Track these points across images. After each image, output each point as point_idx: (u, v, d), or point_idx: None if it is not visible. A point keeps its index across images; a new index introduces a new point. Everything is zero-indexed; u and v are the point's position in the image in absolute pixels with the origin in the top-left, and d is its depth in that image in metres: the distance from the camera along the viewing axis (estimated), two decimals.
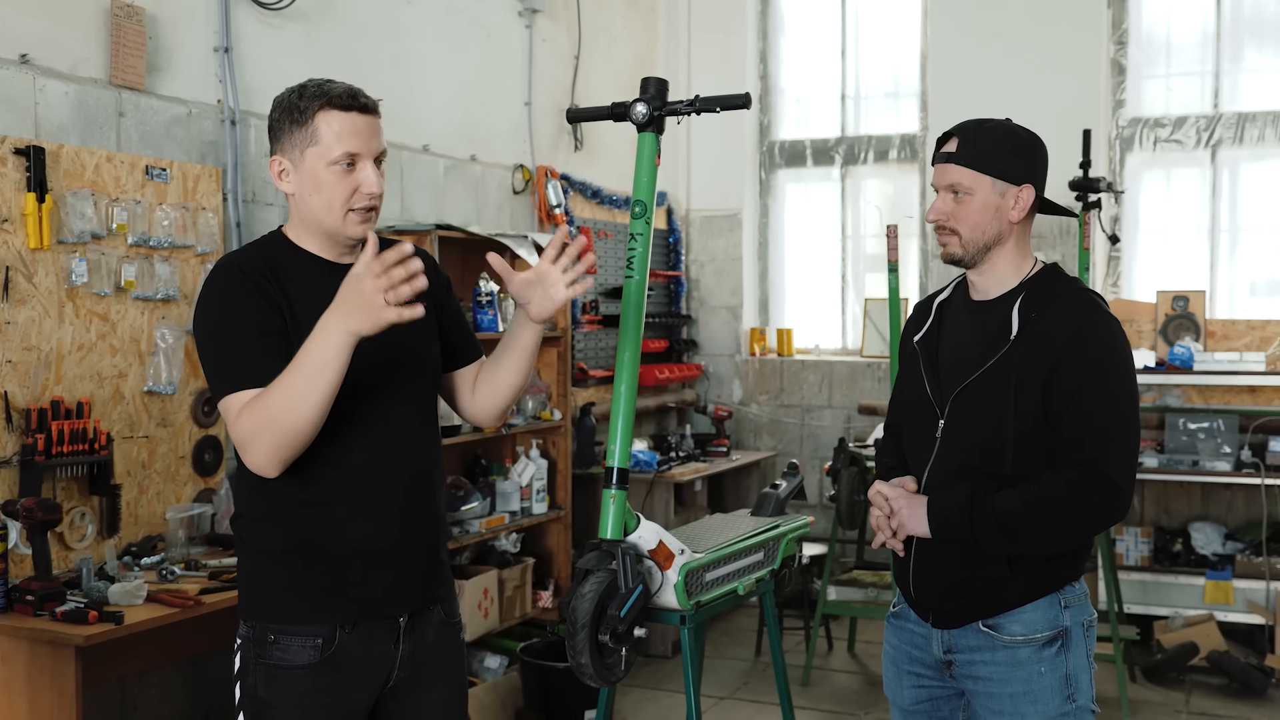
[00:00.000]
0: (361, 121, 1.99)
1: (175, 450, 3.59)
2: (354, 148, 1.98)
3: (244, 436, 1.88)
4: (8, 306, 3.12)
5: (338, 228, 2.01)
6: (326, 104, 1.97)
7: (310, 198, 2.00)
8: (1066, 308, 2.10)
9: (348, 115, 1.98)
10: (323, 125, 1.97)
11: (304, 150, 1.98)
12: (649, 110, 2.40)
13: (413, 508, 2.07)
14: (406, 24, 4.69)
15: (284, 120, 2.00)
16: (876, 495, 2.19)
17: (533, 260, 4.68)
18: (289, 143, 2.00)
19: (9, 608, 2.85)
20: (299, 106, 1.98)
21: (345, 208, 1.99)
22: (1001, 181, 2.12)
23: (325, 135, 1.97)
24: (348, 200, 1.99)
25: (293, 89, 2.01)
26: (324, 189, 1.98)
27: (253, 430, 1.87)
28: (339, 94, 1.98)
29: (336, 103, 1.97)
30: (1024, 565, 2.11)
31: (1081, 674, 2.11)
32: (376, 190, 2.00)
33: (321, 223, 2.02)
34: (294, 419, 1.84)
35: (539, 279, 2.06)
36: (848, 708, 4.68)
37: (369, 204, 2.00)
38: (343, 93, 1.99)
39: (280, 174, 2.03)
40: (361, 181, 1.98)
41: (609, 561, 2.33)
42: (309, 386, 1.82)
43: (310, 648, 1.98)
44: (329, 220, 2.01)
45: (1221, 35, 5.90)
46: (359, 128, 1.98)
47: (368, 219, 2.02)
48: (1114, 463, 2.03)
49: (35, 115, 3.24)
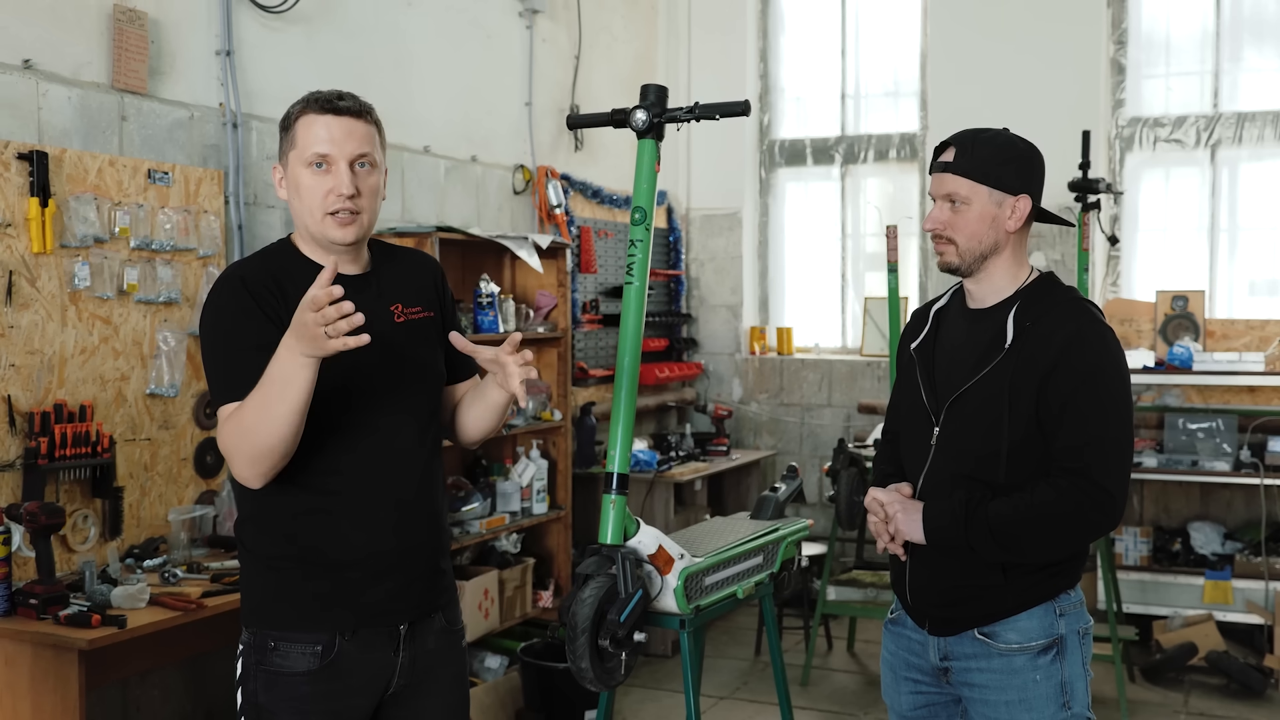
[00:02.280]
0: (336, 124, 2.00)
1: (177, 452, 3.61)
2: (324, 149, 1.99)
3: (226, 449, 1.93)
4: (11, 310, 3.14)
5: (319, 231, 2.02)
6: (307, 108, 2.01)
7: (294, 201, 2.04)
8: (1061, 316, 2.11)
9: (323, 117, 2.00)
10: (301, 128, 2.01)
11: (289, 154, 2.03)
12: (649, 117, 2.42)
13: (412, 516, 2.09)
14: (407, 26, 4.70)
15: (281, 128, 2.06)
16: (873, 502, 2.21)
17: (533, 262, 4.70)
18: (282, 149, 2.06)
19: (13, 611, 2.86)
20: (290, 113, 2.04)
21: (322, 210, 2.00)
22: (998, 191, 2.14)
23: (302, 137, 2.01)
24: (323, 203, 2.00)
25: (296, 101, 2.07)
26: (302, 192, 2.01)
27: (232, 443, 1.91)
28: (321, 97, 2.02)
29: (314, 106, 2.01)
30: (1019, 573, 2.12)
31: (1077, 681, 2.13)
32: (345, 191, 1.98)
33: (307, 227, 2.04)
34: (265, 433, 1.86)
35: (498, 365, 2.03)
36: (847, 708, 4.70)
37: (340, 206, 1.99)
38: (327, 96, 2.02)
39: (279, 181, 2.07)
40: (333, 183, 1.99)
41: (609, 566, 2.35)
42: (276, 401, 1.84)
43: (310, 655, 2.00)
44: (311, 224, 2.03)
45: (1221, 35, 5.91)
46: (333, 130, 2.00)
47: (348, 222, 2.01)
48: (1107, 472, 2.04)
49: (38, 120, 3.25)
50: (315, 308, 1.74)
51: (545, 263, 4.91)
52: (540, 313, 4.94)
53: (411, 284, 2.16)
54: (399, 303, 2.12)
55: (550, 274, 4.97)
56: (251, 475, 1.92)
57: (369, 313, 2.03)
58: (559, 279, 4.99)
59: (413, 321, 2.12)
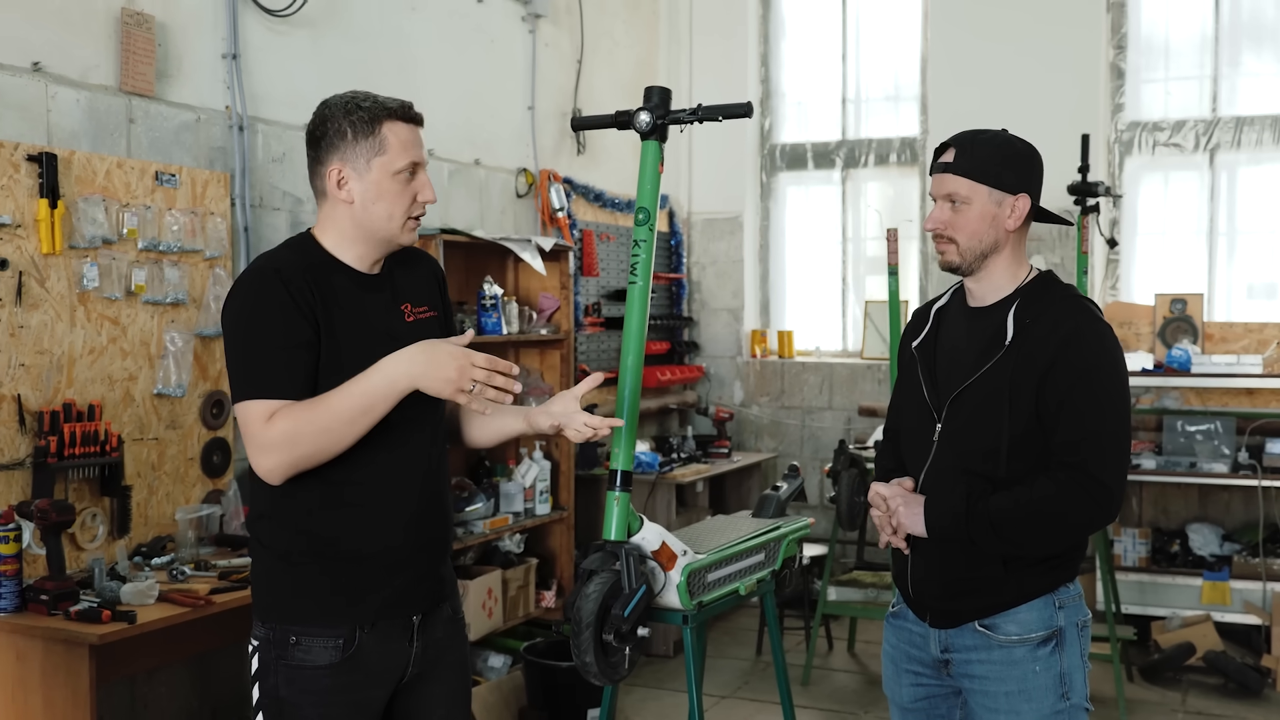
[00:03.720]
0: (419, 133, 2.11)
1: (184, 452, 3.64)
2: (417, 157, 2.08)
3: (269, 442, 1.93)
4: (21, 311, 3.17)
5: (395, 235, 2.09)
6: (391, 115, 2.06)
7: (373, 205, 2.05)
8: (1060, 314, 2.14)
9: (410, 126, 2.08)
10: (390, 135, 2.05)
11: (370, 160, 2.04)
12: (652, 119, 2.44)
13: (429, 510, 2.13)
14: (411, 30, 4.74)
15: (343, 130, 2.04)
16: (875, 496, 2.24)
17: (536, 264, 4.73)
18: (350, 152, 2.04)
19: (24, 607, 2.89)
20: (363, 118, 2.04)
21: (406, 215, 2.08)
22: (998, 191, 2.17)
23: (393, 145, 2.05)
24: (409, 209, 2.08)
25: (343, 101, 2.07)
26: (387, 197, 2.05)
27: (281, 440, 1.92)
28: (400, 106, 2.08)
29: (400, 114, 2.07)
30: (1019, 566, 2.15)
31: (1075, 673, 2.16)
32: (433, 198, 2.11)
33: (378, 230, 2.07)
34: (330, 442, 1.94)
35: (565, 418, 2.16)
36: (848, 707, 4.73)
37: (423, 212, 2.11)
38: (403, 105, 2.09)
39: (339, 182, 2.06)
40: (419, 189, 2.09)
41: (613, 562, 2.37)
42: (359, 415, 1.93)
43: (331, 648, 2.03)
44: (389, 228, 2.07)
45: (1220, 39, 5.95)
46: (418, 138, 2.10)
47: (418, 224, 2.13)
48: (1105, 466, 2.07)
49: (47, 122, 3.29)
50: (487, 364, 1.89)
51: (548, 265, 4.94)
52: (543, 315, 4.97)
53: (417, 284, 2.21)
54: (408, 302, 2.16)
55: (553, 276, 5.01)
56: (283, 474, 1.96)
57: (385, 313, 2.09)
58: (561, 281, 5.02)
59: (421, 321, 2.17)
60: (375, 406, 1.93)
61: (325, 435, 1.93)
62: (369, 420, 1.94)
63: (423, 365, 1.91)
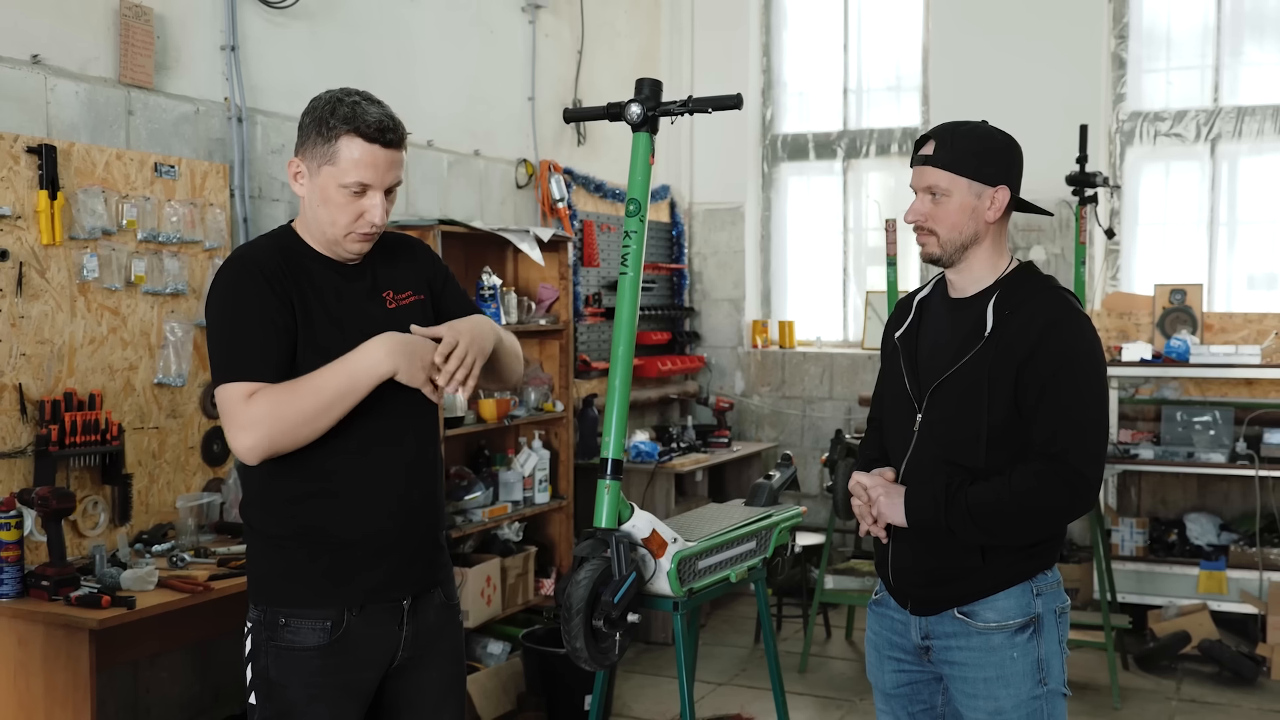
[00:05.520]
0: (382, 155, 2.04)
1: (185, 441, 3.68)
2: (367, 179, 2.04)
3: (248, 420, 1.97)
4: (22, 301, 3.21)
5: (338, 242, 2.10)
6: (354, 130, 2.02)
7: (318, 208, 2.08)
8: (1038, 305, 2.17)
9: (370, 147, 2.03)
10: (344, 149, 2.02)
11: (320, 165, 2.05)
12: (643, 110, 2.47)
13: (414, 494, 2.16)
14: (411, 21, 4.76)
15: (311, 129, 2.06)
16: (856, 485, 2.27)
17: (533, 254, 4.75)
18: (310, 152, 2.06)
19: (26, 593, 2.94)
20: (329, 123, 2.03)
21: (347, 230, 2.08)
22: (978, 183, 2.19)
23: (344, 159, 2.03)
24: (351, 224, 2.07)
25: (330, 99, 2.05)
26: (330, 206, 2.06)
27: (260, 418, 1.96)
28: (369, 124, 2.02)
29: (363, 131, 2.02)
30: (997, 554, 2.18)
31: (1053, 659, 2.19)
32: (379, 222, 2.07)
33: (325, 232, 2.10)
34: (308, 422, 1.98)
35: None
36: (844, 694, 4.76)
37: (370, 231, 2.08)
38: (373, 124, 2.02)
39: (295, 175, 2.10)
40: (367, 209, 2.06)
41: (603, 549, 2.41)
42: (338, 398, 1.98)
43: (320, 630, 2.07)
44: (330, 233, 2.10)
45: (1221, 29, 5.94)
46: (377, 160, 2.04)
47: (366, 240, 2.11)
48: (1083, 456, 2.09)
49: (47, 114, 3.32)
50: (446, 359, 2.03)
51: (547, 256, 4.96)
52: (542, 305, 5.00)
53: (399, 270, 2.23)
54: (390, 289, 2.19)
55: (552, 267, 5.03)
56: (259, 454, 1.99)
57: (363, 301, 2.12)
58: (561, 272, 5.04)
59: (403, 307, 2.19)
60: (354, 389, 1.98)
61: (303, 415, 1.97)
62: (347, 403, 1.99)
63: (404, 355, 1.97)
